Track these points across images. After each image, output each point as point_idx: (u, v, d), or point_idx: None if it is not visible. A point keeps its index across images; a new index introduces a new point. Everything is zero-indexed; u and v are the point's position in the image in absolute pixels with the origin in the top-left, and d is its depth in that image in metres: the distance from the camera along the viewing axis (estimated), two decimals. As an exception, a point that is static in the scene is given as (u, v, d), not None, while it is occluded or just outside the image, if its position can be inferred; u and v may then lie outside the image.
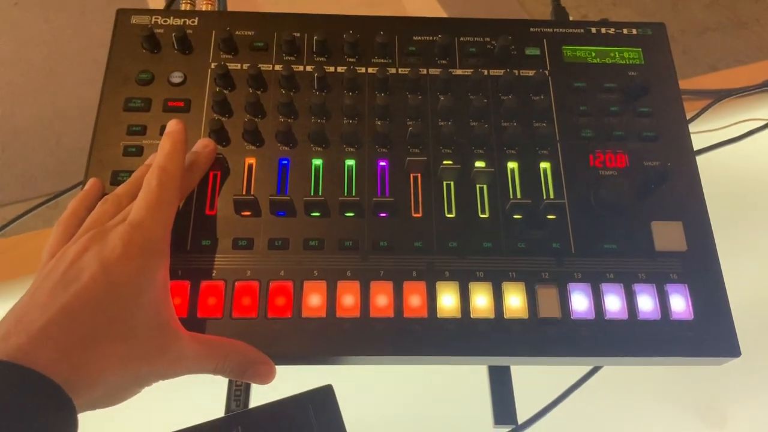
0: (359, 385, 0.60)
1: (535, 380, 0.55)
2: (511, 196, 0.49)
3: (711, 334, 0.45)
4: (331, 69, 0.53)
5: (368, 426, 0.59)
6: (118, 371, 0.36)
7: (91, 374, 0.35)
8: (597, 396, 0.58)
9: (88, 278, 0.36)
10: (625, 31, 0.56)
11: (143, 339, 0.37)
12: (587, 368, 0.55)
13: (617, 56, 0.55)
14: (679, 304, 0.46)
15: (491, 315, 0.45)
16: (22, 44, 1.98)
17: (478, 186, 0.49)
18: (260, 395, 0.50)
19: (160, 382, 0.40)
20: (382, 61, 0.54)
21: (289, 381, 0.46)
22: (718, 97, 0.79)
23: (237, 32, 0.53)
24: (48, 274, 0.38)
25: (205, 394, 0.55)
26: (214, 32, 0.54)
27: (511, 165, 0.50)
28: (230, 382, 0.53)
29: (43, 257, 0.41)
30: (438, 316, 0.45)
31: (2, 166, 1.74)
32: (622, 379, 0.63)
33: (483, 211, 0.49)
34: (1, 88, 1.88)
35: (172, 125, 0.45)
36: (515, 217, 0.48)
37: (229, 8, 0.66)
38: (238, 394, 0.54)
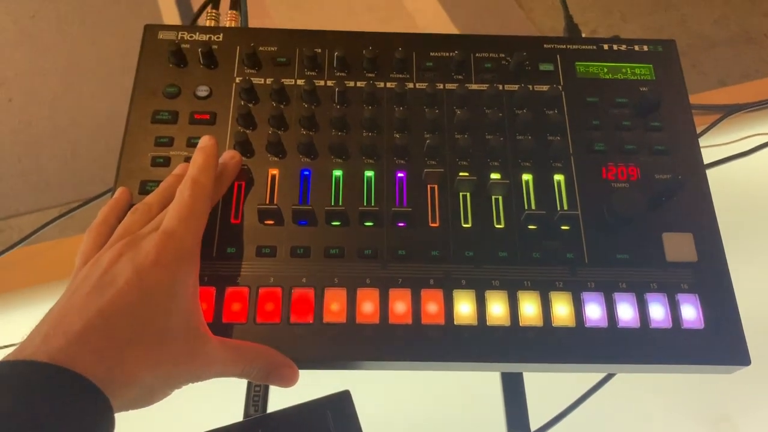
0: (375, 391, 0.61)
1: (547, 388, 0.56)
2: (526, 207, 0.50)
3: (721, 343, 0.46)
4: (351, 84, 0.54)
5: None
6: (152, 373, 0.37)
7: (126, 375, 0.36)
8: (609, 404, 0.59)
9: (123, 283, 0.38)
10: (636, 47, 0.58)
11: (175, 342, 0.39)
12: (598, 376, 0.56)
13: (629, 72, 0.56)
14: (690, 313, 0.47)
15: (507, 323, 0.46)
16: (38, 55, 2.01)
17: (493, 197, 0.51)
18: (278, 400, 0.51)
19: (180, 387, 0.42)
20: (401, 76, 0.55)
21: (305, 386, 0.47)
22: (728, 112, 0.80)
23: (261, 48, 0.55)
24: (84, 278, 0.39)
25: (224, 398, 0.56)
26: (238, 48, 0.55)
27: (526, 177, 0.51)
28: (249, 386, 0.55)
29: (76, 263, 0.43)
30: (455, 323, 0.46)
31: (18, 176, 1.77)
32: (635, 388, 0.63)
33: (498, 222, 0.50)
34: (18, 99, 1.91)
35: (205, 140, 0.47)
36: (530, 227, 0.49)
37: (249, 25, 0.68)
38: (256, 399, 0.55)
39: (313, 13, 2.06)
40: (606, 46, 0.57)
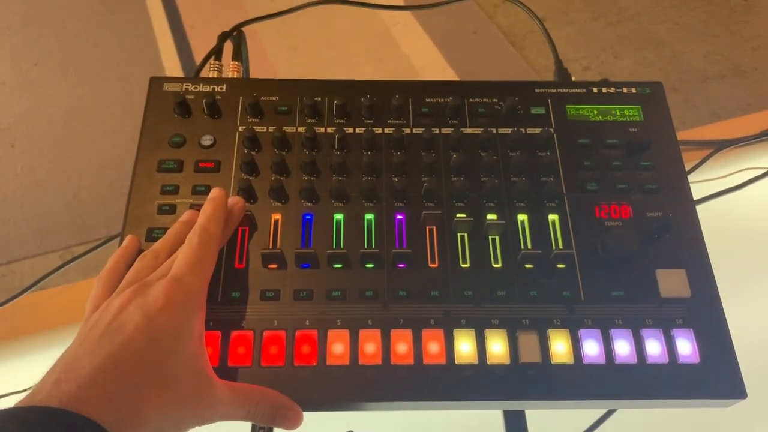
0: (380, 431, 0.61)
1: (549, 425, 0.57)
2: (522, 247, 0.51)
3: (717, 377, 0.47)
4: (351, 130, 0.56)
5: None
6: (160, 416, 0.38)
7: (135, 419, 0.37)
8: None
9: (132, 329, 0.39)
10: (624, 90, 0.59)
11: (182, 386, 0.40)
12: (599, 411, 0.57)
13: (618, 114, 0.58)
14: (686, 348, 0.48)
15: (506, 361, 0.47)
16: (41, 101, 2.05)
17: (490, 237, 0.52)
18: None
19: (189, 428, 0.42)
20: (398, 122, 0.57)
21: (310, 429, 0.47)
22: (719, 146, 0.82)
23: (263, 98, 0.57)
24: (95, 324, 0.40)
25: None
26: (241, 98, 0.57)
27: (521, 217, 0.53)
28: (253, 429, 0.55)
29: (86, 309, 0.44)
30: (456, 362, 0.47)
31: (21, 221, 1.78)
32: (634, 423, 0.64)
33: (496, 261, 0.51)
34: (21, 144, 1.94)
35: (216, 192, 0.49)
36: (527, 266, 0.51)
37: (251, 75, 0.70)
38: (260, 442, 0.55)
39: (311, 56, 2.10)
40: (595, 90, 0.59)
